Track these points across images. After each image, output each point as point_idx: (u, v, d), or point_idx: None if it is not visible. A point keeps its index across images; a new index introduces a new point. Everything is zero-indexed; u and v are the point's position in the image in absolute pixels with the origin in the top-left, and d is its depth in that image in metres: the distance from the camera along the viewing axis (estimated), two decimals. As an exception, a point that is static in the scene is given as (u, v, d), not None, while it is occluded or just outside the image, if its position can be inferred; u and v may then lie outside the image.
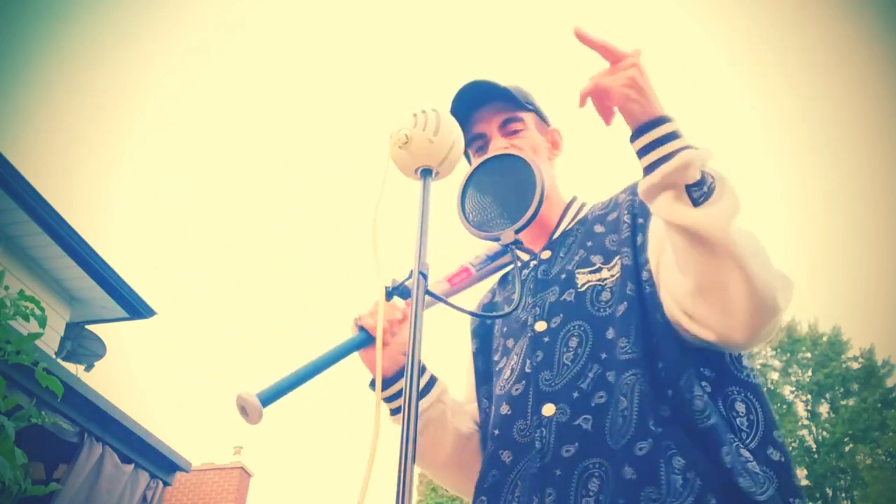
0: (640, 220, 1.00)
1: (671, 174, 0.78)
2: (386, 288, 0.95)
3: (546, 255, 1.10)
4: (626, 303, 0.92)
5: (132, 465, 5.10)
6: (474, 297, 1.25)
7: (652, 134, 0.81)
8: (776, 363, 23.58)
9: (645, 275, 0.94)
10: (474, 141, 1.15)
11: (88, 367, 6.28)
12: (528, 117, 1.16)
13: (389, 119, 0.93)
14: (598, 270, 0.99)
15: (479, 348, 1.16)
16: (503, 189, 0.91)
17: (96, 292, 5.99)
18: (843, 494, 21.59)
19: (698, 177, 0.79)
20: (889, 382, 21.94)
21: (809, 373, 23.15)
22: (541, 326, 0.99)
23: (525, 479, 0.87)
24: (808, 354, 23.30)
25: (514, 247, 0.89)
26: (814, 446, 22.27)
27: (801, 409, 23.06)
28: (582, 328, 0.94)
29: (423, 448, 1.03)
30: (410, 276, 0.81)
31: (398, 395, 1.01)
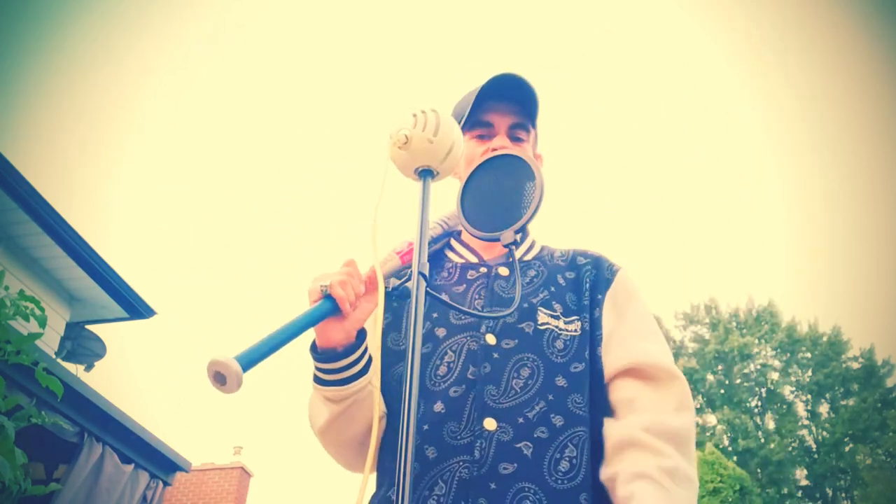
0: (599, 296, 1.08)
1: None
2: (385, 288, 0.95)
3: (504, 272, 1.10)
4: (583, 364, 1.00)
5: (132, 465, 5.10)
6: None
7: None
8: (776, 363, 23.60)
9: (599, 350, 1.03)
10: (480, 126, 1.16)
11: (88, 367, 6.29)
12: (531, 133, 1.19)
13: (389, 119, 0.93)
14: (558, 318, 1.03)
15: (390, 324, 1.11)
16: (503, 189, 0.91)
17: (96, 292, 6.00)
18: (843, 494, 21.60)
19: None
20: (889, 382, 21.96)
21: (809, 373, 23.17)
22: (491, 339, 0.99)
23: (450, 480, 0.88)
24: (808, 354, 23.32)
25: (514, 246, 0.89)
26: (814, 446, 22.28)
27: (801, 409, 23.08)
28: (536, 363, 0.98)
29: (341, 425, 1.00)
30: (410, 277, 0.81)
31: (339, 370, 0.96)
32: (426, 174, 0.90)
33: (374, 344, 1.02)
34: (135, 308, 6.31)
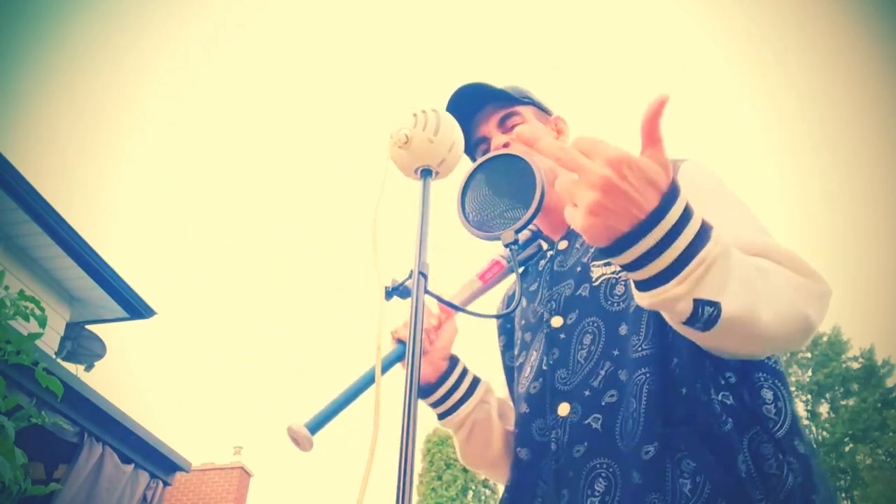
0: None
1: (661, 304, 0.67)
2: (386, 288, 0.95)
3: (563, 245, 1.08)
4: None
5: (132, 465, 5.10)
6: (499, 290, 1.24)
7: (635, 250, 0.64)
8: (776, 363, 23.58)
9: None
10: (479, 145, 1.15)
11: (88, 367, 6.28)
12: (525, 111, 1.15)
13: (389, 119, 0.93)
14: (611, 263, 0.95)
15: (505, 345, 1.16)
16: (503, 188, 0.91)
17: (96, 292, 5.99)
18: (843, 494, 21.59)
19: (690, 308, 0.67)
20: (889, 382, 21.96)
21: (809, 373, 23.17)
22: (557, 322, 0.98)
23: (547, 480, 0.88)
24: (808, 354, 23.32)
25: (514, 246, 0.88)
26: (814, 446, 22.28)
27: (801, 409, 23.07)
28: (595, 324, 0.93)
29: (474, 449, 1.05)
30: (410, 276, 0.81)
31: (441, 399, 1.02)
32: (427, 174, 0.90)
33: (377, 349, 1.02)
34: (135, 308, 6.31)
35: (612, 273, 0.95)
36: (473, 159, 1.18)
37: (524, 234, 1.15)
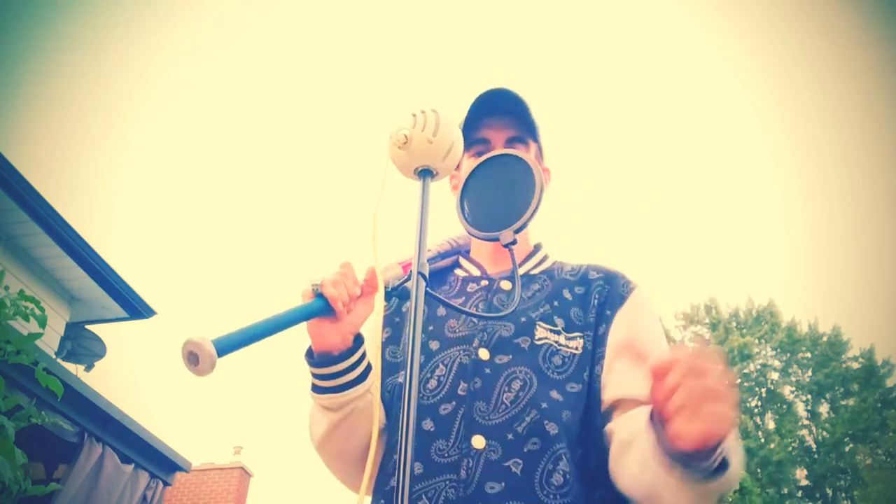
0: (608, 312, 1.02)
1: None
2: (385, 288, 0.95)
3: (506, 286, 1.08)
4: (581, 386, 0.96)
5: (132, 465, 5.10)
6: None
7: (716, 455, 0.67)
8: (776, 363, 23.60)
9: (598, 369, 0.97)
10: (476, 144, 1.14)
11: (88, 367, 6.29)
12: (532, 146, 1.16)
13: (389, 119, 0.93)
14: (558, 333, 1.00)
15: (389, 338, 1.10)
16: (502, 189, 0.91)
17: (96, 292, 6.00)
18: (843, 494, 21.60)
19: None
20: (889, 382, 21.96)
21: (809, 373, 23.17)
22: (484, 354, 0.97)
23: (435, 499, 0.86)
24: (808, 354, 23.32)
25: (512, 246, 0.89)
26: (814, 446, 22.28)
27: (801, 409, 23.07)
28: (528, 375, 0.94)
29: (340, 435, 0.98)
30: (410, 277, 0.81)
31: (334, 375, 0.94)
32: (426, 174, 0.90)
33: (372, 353, 0.98)
34: (135, 308, 6.31)
35: (556, 342, 0.98)
36: (465, 151, 1.16)
37: (443, 246, 1.15)
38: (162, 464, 5.59)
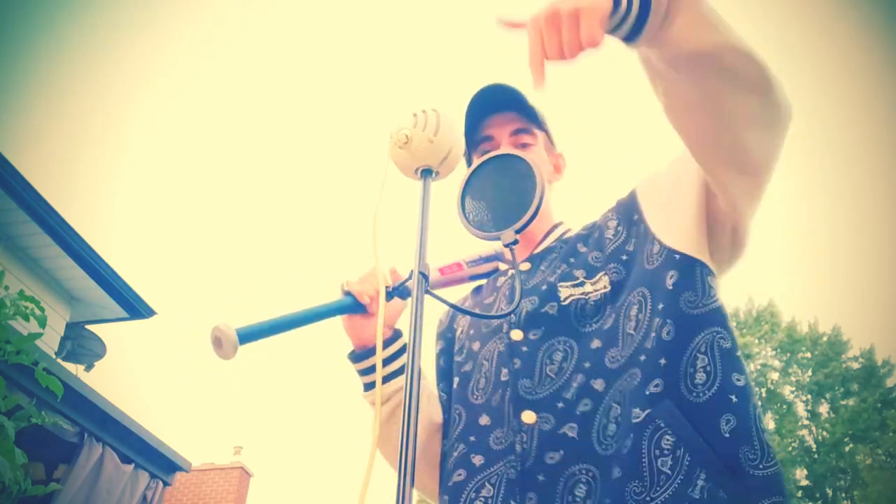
0: (635, 217, 1.00)
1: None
2: (386, 288, 0.95)
3: (525, 266, 1.09)
4: (616, 316, 0.92)
5: (132, 465, 5.10)
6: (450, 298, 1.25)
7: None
8: (776, 363, 23.59)
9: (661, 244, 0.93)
10: (483, 142, 1.14)
11: (88, 367, 6.28)
12: (539, 135, 1.17)
13: (390, 119, 0.93)
14: (581, 284, 0.98)
15: (443, 349, 1.15)
16: (503, 189, 0.91)
17: (96, 292, 5.99)
18: (843, 494, 21.59)
19: None
20: (889, 382, 21.95)
21: (809, 373, 23.16)
22: (517, 335, 0.98)
23: (498, 483, 0.87)
24: (808, 354, 23.31)
25: (513, 246, 0.88)
26: (814, 446, 22.27)
27: (801, 409, 23.06)
28: (567, 343, 0.93)
29: (388, 431, 0.99)
30: (411, 277, 0.81)
31: (374, 368, 0.97)
32: (427, 174, 0.90)
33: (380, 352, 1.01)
34: (135, 308, 6.31)
35: (581, 294, 0.97)
36: (471, 151, 1.17)
37: (487, 251, 1.16)
38: (162, 464, 5.59)
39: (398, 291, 0.97)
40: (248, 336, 0.80)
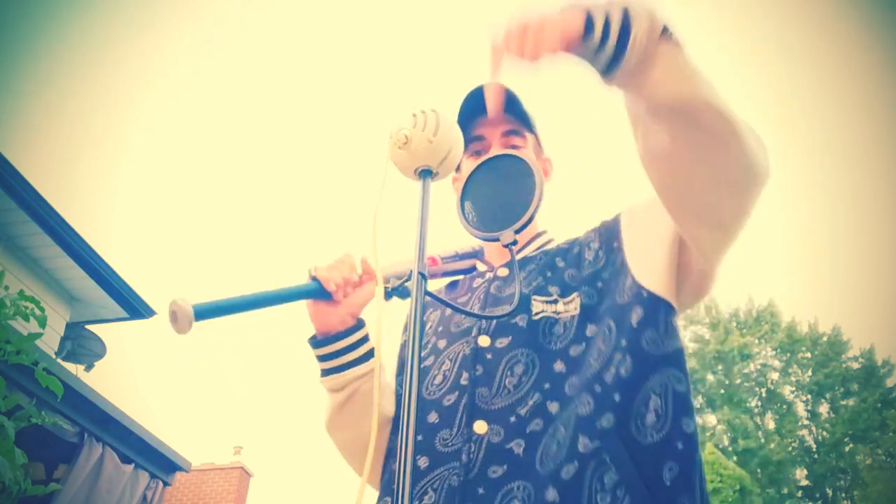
0: (615, 244, 1.00)
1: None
2: (385, 288, 0.95)
3: (504, 272, 1.10)
4: (584, 344, 0.93)
5: (132, 465, 5.10)
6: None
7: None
8: (776, 363, 23.60)
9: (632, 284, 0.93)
10: (473, 142, 1.15)
11: (88, 367, 6.29)
12: (529, 137, 1.17)
13: (389, 119, 0.93)
14: (554, 302, 0.99)
15: (407, 341, 1.15)
16: (502, 189, 0.91)
17: (96, 292, 6.00)
18: (843, 494, 21.60)
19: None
20: (889, 382, 21.96)
21: (809, 373, 23.17)
22: (484, 341, 0.98)
23: (440, 489, 0.87)
24: (808, 354, 23.32)
25: (513, 246, 0.88)
26: (814, 446, 22.28)
27: (801, 409, 23.08)
28: (530, 357, 0.93)
29: (346, 419, 1.01)
30: (410, 277, 0.81)
31: (333, 354, 0.99)
32: (426, 174, 0.90)
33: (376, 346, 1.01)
34: (135, 308, 6.31)
35: (553, 312, 0.97)
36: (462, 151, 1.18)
37: (464, 248, 1.16)
38: (162, 464, 5.59)
39: (397, 291, 0.97)
40: (204, 312, 0.80)
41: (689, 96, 0.73)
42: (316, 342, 1.00)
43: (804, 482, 21.85)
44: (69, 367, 5.65)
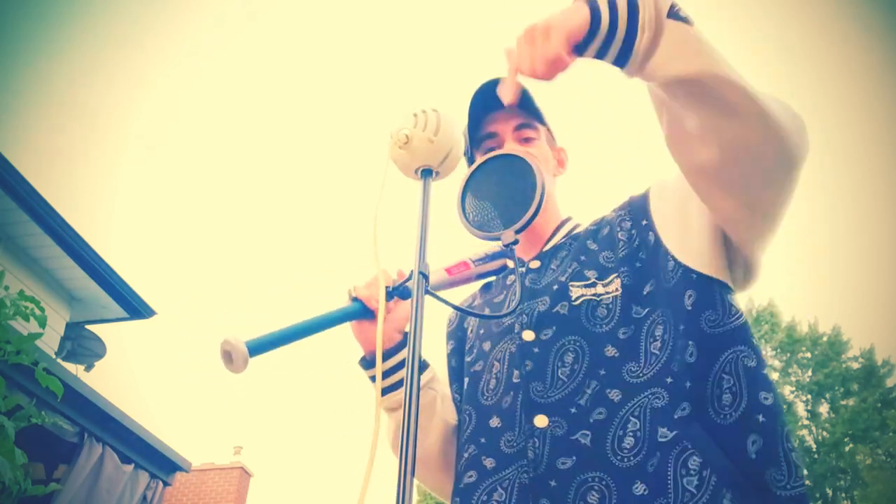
0: (644, 222, 0.98)
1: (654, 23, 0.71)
2: (386, 288, 0.95)
3: (535, 265, 1.09)
4: (632, 326, 0.90)
5: (132, 465, 5.10)
6: (455, 298, 1.24)
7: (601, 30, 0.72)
8: (776, 363, 23.58)
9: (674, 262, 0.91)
10: (486, 139, 1.14)
11: (88, 367, 6.28)
12: (541, 129, 1.17)
13: (390, 119, 0.93)
14: (593, 285, 0.97)
15: (454, 349, 1.14)
16: (504, 189, 0.91)
17: (96, 292, 5.99)
18: (843, 494, 21.59)
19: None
20: (889, 382, 21.93)
21: (809, 373, 23.15)
22: (528, 336, 0.97)
23: (510, 488, 0.86)
24: (808, 354, 23.30)
25: (514, 247, 0.88)
26: (814, 446, 22.26)
27: (801, 409, 23.05)
28: (578, 343, 0.92)
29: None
30: (411, 277, 0.81)
31: (387, 373, 0.99)
32: (427, 174, 0.90)
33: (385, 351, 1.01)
34: (135, 308, 6.31)
35: (593, 295, 0.95)
36: (475, 149, 1.17)
37: (492, 248, 1.16)
38: (162, 464, 5.59)
39: (398, 291, 0.97)
40: (258, 348, 0.80)
41: (702, 71, 0.72)
42: (367, 363, 1.00)
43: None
44: (69, 367, 5.64)
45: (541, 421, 0.88)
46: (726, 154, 0.78)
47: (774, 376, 23.35)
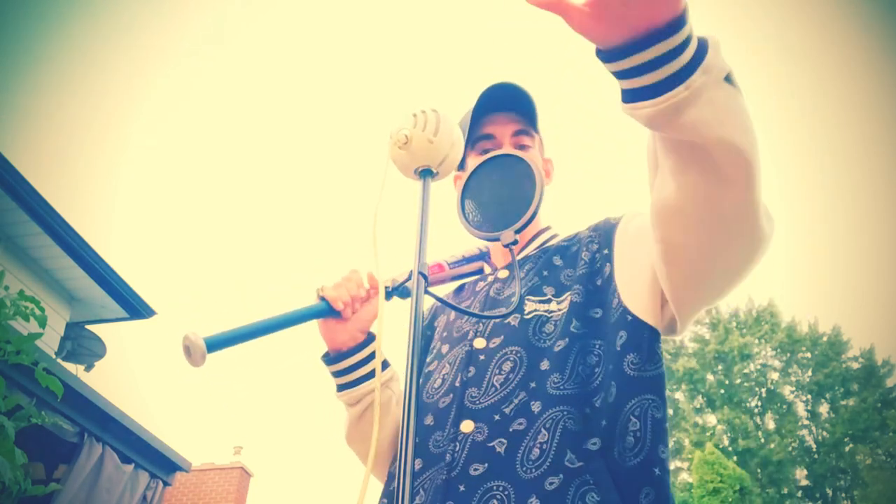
0: (606, 252, 0.99)
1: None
2: (385, 288, 0.95)
3: (503, 274, 1.11)
4: (567, 339, 0.93)
5: (132, 465, 5.10)
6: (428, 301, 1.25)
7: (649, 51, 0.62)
8: (776, 363, 23.59)
9: (617, 301, 0.92)
10: (482, 140, 1.15)
11: (88, 367, 6.28)
12: (536, 138, 1.18)
13: (389, 119, 0.94)
14: (548, 302, 0.99)
15: (421, 347, 1.17)
16: (503, 189, 0.91)
17: (96, 292, 6.00)
18: (843, 494, 21.60)
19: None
20: (889, 382, 21.96)
21: (809, 373, 23.16)
22: (479, 343, 0.99)
23: (429, 489, 0.87)
24: (808, 354, 23.31)
25: (513, 247, 0.88)
26: (814, 446, 22.27)
27: (801, 409, 23.07)
28: (518, 354, 0.94)
29: (364, 430, 1.05)
30: (410, 277, 0.81)
31: (347, 370, 1.02)
32: (426, 174, 0.90)
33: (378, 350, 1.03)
34: (135, 308, 6.31)
35: (545, 311, 0.98)
36: (469, 147, 1.17)
37: (470, 251, 1.17)
38: (162, 464, 5.59)
39: (398, 291, 0.97)
40: (216, 344, 0.81)
41: (744, 150, 0.67)
42: (329, 359, 1.03)
43: (804, 482, 21.84)
44: (69, 367, 5.65)
45: (467, 426, 0.90)
46: (707, 236, 0.75)
47: (774, 376, 23.38)
